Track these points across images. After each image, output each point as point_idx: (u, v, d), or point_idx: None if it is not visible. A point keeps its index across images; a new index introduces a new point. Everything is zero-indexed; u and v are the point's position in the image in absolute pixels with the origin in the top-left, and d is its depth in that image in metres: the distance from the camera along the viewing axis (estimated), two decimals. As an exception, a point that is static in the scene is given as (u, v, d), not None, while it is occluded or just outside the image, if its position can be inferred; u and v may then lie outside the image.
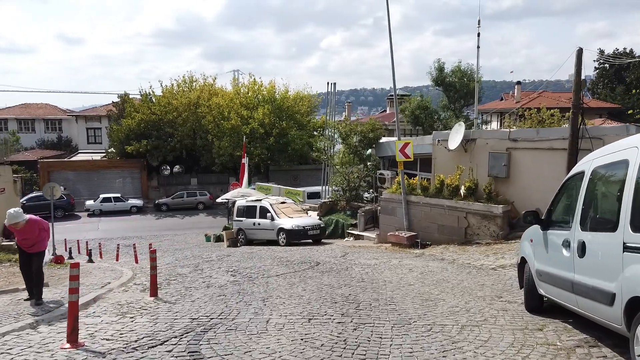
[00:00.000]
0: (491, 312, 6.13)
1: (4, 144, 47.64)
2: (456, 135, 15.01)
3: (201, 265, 12.26)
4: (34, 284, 6.79)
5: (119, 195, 36.87)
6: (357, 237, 18.97)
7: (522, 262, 6.35)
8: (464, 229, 14.13)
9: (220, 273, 10.30)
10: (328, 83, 28.20)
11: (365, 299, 7.02)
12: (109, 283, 8.94)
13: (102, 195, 36.49)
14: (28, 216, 7.05)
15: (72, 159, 44.38)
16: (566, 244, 4.92)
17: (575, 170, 5.35)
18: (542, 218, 5.70)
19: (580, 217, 4.72)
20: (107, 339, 5.21)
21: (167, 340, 5.17)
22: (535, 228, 5.89)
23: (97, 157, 44.20)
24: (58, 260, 13.59)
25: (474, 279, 8.75)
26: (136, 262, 16.32)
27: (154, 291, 7.40)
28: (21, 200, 30.62)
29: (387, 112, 56.98)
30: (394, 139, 19.44)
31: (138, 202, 37.32)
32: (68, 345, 5.02)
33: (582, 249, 4.57)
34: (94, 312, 6.45)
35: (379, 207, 17.79)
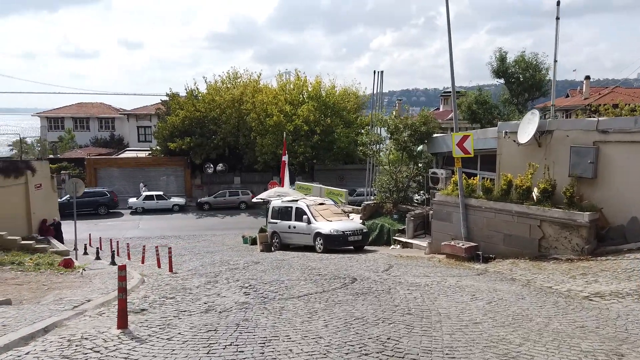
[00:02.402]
0: (618, 391, 3.78)
1: (36, 142, 48.86)
2: (528, 126, 12.43)
3: (221, 276, 10.53)
4: None
5: (161, 193, 36.28)
6: (405, 245, 16.62)
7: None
8: (538, 241, 11.61)
9: (233, 289, 8.39)
10: (375, 72, 25.66)
11: (411, 347, 4.81)
12: (89, 301, 7.20)
13: (144, 193, 36.07)
14: None
15: (118, 156, 44.54)
16: None
17: None
18: None
19: None
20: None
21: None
22: None
23: (143, 154, 44.06)
24: (67, 264, 12.21)
25: (567, 315, 6.31)
26: (158, 266, 14.88)
27: (122, 322, 5.49)
28: (63, 198, 30.47)
29: (441, 109, 53.79)
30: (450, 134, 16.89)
31: (180, 200, 36.51)
32: None
33: None
34: (27, 354, 4.64)
35: (431, 212, 15.45)
